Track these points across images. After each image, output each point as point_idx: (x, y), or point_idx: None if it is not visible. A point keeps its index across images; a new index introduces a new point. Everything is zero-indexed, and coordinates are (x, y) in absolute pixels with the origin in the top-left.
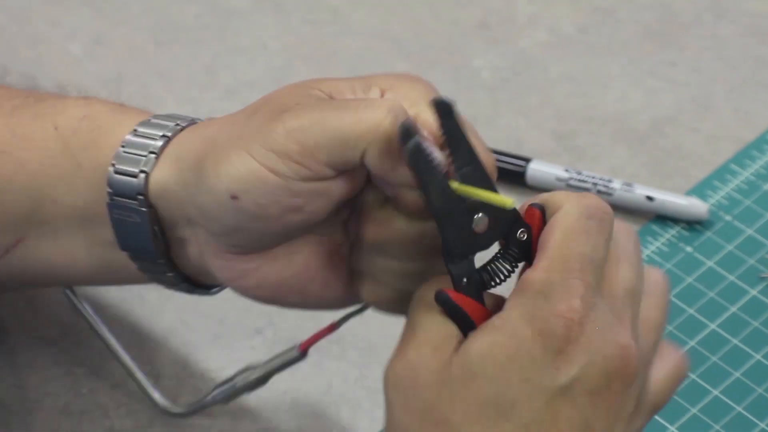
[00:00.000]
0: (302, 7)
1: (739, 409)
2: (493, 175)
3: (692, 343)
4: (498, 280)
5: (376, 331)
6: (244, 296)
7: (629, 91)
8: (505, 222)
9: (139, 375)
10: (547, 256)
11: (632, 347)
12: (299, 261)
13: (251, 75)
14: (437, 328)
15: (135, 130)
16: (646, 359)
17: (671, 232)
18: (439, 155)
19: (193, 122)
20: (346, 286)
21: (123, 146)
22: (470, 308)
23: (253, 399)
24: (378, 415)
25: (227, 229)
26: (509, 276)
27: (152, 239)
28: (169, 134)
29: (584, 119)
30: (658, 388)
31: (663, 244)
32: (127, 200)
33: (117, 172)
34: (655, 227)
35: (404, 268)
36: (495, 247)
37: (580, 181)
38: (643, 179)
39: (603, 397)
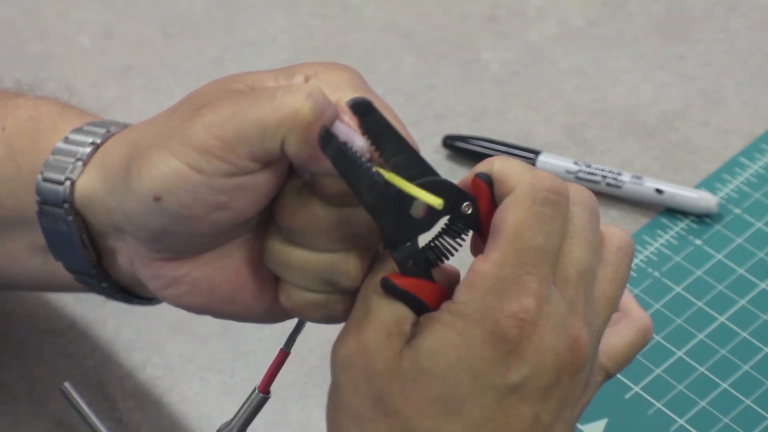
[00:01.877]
0: (311, 0)
1: (748, 402)
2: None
3: (701, 335)
4: (445, 258)
5: None
6: (176, 306)
7: (639, 85)
8: (446, 202)
9: None
10: (500, 248)
11: (583, 338)
12: (230, 265)
13: (260, 68)
14: (390, 310)
15: (66, 138)
16: (597, 338)
17: (680, 225)
18: (362, 144)
19: (125, 127)
20: (277, 296)
21: (53, 153)
22: (420, 289)
23: None
24: None
25: (154, 234)
26: (456, 251)
27: (81, 249)
28: (99, 141)
29: (594, 112)
30: (615, 356)
31: (672, 237)
32: (54, 208)
33: (45, 180)
34: (664, 220)
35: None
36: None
37: (589, 173)
38: (652, 172)
39: (553, 391)
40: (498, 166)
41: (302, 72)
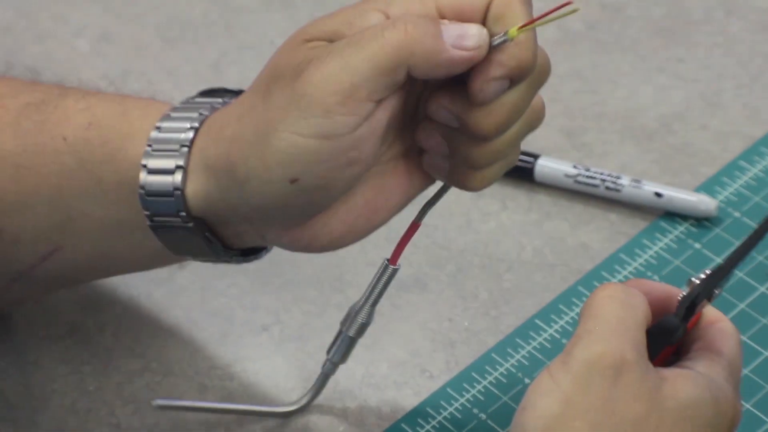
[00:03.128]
0: (310, 2)
1: (747, 406)
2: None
3: None
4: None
5: (382, 328)
6: (317, 253)
7: (638, 88)
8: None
9: (248, 407)
10: (732, 354)
11: None
12: (361, 198)
13: (258, 71)
14: (645, 343)
15: (150, 144)
16: None
17: (680, 229)
18: (476, 31)
19: (203, 117)
20: (408, 183)
21: (145, 164)
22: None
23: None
24: (385, 412)
25: (294, 212)
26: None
27: (207, 244)
28: (188, 141)
29: (593, 116)
30: None
31: (672, 240)
32: (168, 218)
33: (150, 194)
34: (663, 224)
35: (511, 136)
36: None
37: (588, 177)
38: (652, 176)
39: None
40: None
41: (374, 8)
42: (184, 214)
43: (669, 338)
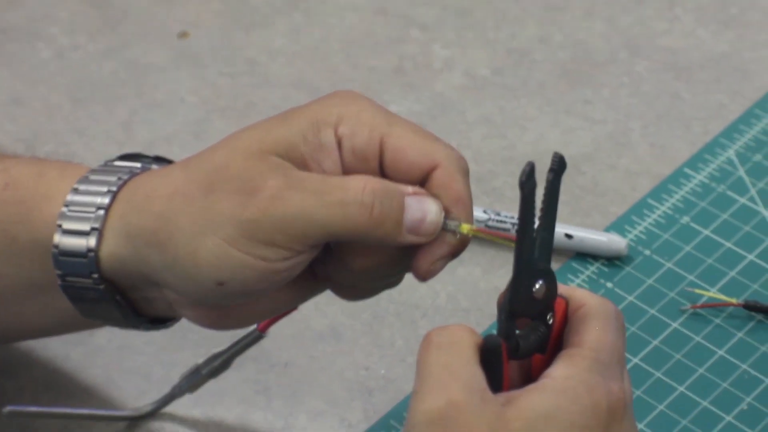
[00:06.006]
0: (219, 60)
1: None
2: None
3: None
4: (526, 352)
5: (300, 379)
6: (222, 330)
7: (546, 131)
8: (550, 299)
9: (94, 411)
10: (595, 339)
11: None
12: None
13: (169, 129)
14: (479, 376)
15: (67, 204)
16: None
17: (591, 269)
18: (436, 208)
19: (122, 182)
20: (307, 286)
21: (60, 222)
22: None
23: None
24: None
25: (209, 303)
26: (534, 352)
27: (117, 308)
28: (105, 203)
29: (502, 160)
30: None
31: (583, 281)
32: (80, 279)
33: (63, 254)
34: (575, 264)
35: (382, 274)
36: None
37: (498, 222)
38: (562, 217)
39: None
40: (568, 290)
41: (326, 123)
42: (96, 276)
43: (500, 357)
